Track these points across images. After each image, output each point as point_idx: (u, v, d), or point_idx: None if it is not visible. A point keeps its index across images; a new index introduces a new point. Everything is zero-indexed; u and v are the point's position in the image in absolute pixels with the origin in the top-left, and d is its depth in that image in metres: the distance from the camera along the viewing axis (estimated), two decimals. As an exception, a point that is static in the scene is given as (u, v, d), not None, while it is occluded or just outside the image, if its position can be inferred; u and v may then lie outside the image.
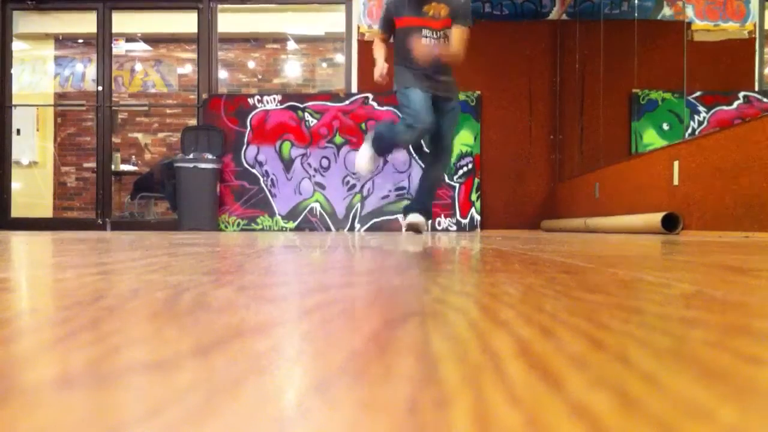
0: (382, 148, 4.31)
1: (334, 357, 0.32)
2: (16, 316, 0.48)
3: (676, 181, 4.20)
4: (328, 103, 6.43)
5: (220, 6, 7.10)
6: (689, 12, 6.12)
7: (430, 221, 4.48)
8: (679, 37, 5.36)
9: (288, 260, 1.25)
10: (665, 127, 5.93)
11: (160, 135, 9.16)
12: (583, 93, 6.55)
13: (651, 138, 5.98)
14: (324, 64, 9.19)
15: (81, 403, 0.24)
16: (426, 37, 4.05)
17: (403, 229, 4.39)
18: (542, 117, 6.81)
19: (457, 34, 4.00)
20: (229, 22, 7.41)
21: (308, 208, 6.44)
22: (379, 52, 4.24)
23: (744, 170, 3.41)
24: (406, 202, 5.01)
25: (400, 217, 4.67)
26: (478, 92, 6.58)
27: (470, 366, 0.30)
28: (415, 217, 4.22)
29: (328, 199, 6.43)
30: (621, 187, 5.20)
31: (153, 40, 9.07)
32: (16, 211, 7.39)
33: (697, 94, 5.45)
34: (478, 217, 6.46)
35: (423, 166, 4.63)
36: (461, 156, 6.49)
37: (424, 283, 0.72)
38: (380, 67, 4.15)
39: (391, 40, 4.23)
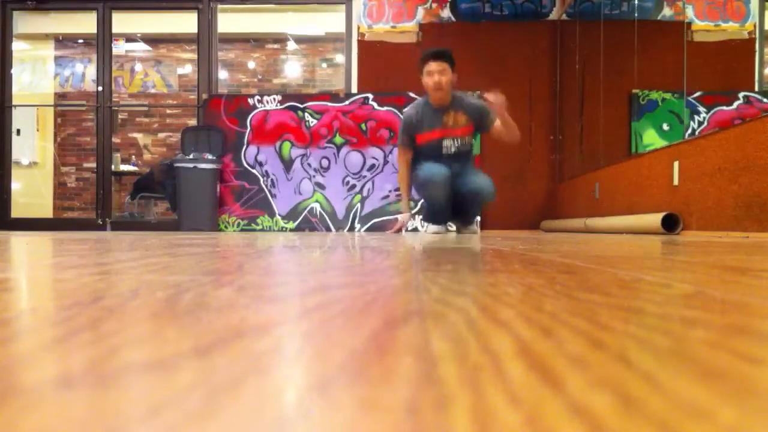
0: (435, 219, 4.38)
1: (334, 357, 0.32)
2: (16, 316, 0.48)
3: (676, 182, 4.20)
4: (328, 104, 6.43)
5: (220, 6, 7.10)
6: (689, 12, 6.12)
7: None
8: (679, 38, 5.37)
9: (288, 260, 1.25)
10: (665, 127, 5.93)
11: (160, 135, 9.16)
12: (583, 93, 6.55)
13: (651, 138, 5.98)
14: (324, 65, 9.19)
15: (81, 403, 0.24)
16: (447, 147, 4.15)
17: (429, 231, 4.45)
18: (542, 117, 6.81)
19: (500, 131, 4.07)
20: (229, 22, 7.41)
21: (308, 209, 6.44)
22: (404, 183, 4.29)
23: (744, 170, 3.41)
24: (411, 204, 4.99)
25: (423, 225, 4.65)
26: (478, 92, 6.58)
27: (470, 366, 0.30)
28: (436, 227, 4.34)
29: (328, 199, 6.43)
30: (621, 188, 5.20)
31: (153, 40, 9.07)
32: (16, 212, 7.39)
33: (697, 94, 5.45)
34: (478, 218, 6.46)
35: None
36: (461, 156, 6.49)
37: (424, 283, 0.72)
38: (405, 219, 4.28)
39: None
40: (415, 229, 6.28)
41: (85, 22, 7.50)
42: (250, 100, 6.50)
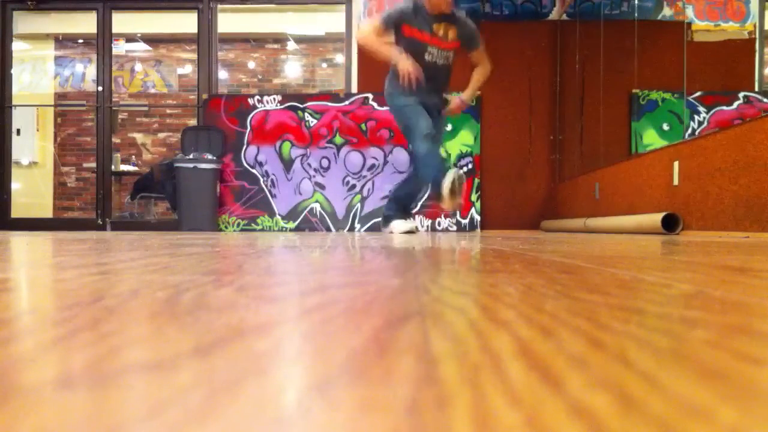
0: (405, 206, 4.30)
1: (334, 357, 0.32)
2: (16, 316, 0.48)
3: (676, 182, 4.20)
4: (328, 104, 6.43)
5: (220, 6, 7.10)
6: (689, 12, 6.12)
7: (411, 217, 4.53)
8: (679, 38, 5.37)
9: (288, 260, 1.25)
10: (665, 127, 5.93)
11: (160, 135, 9.16)
12: (583, 93, 6.55)
13: (651, 138, 5.98)
14: (324, 64, 9.19)
15: (81, 403, 0.24)
16: (431, 54, 4.08)
17: (395, 234, 4.40)
18: (542, 117, 6.81)
19: (481, 57, 4.20)
20: (229, 22, 7.41)
21: (308, 209, 6.44)
22: (382, 45, 4.09)
23: (744, 170, 3.42)
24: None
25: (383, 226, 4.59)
26: (478, 92, 6.58)
27: (470, 366, 0.30)
28: (407, 224, 4.27)
29: (328, 199, 6.43)
30: (621, 188, 5.20)
31: (153, 40, 9.07)
32: (16, 212, 7.39)
33: (697, 94, 5.45)
34: (478, 218, 6.46)
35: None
36: (461, 156, 6.49)
37: (424, 283, 0.72)
38: (405, 58, 4.00)
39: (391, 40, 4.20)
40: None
41: (85, 22, 7.51)
42: (250, 100, 6.50)
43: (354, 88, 6.79)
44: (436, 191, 4.05)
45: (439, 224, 6.45)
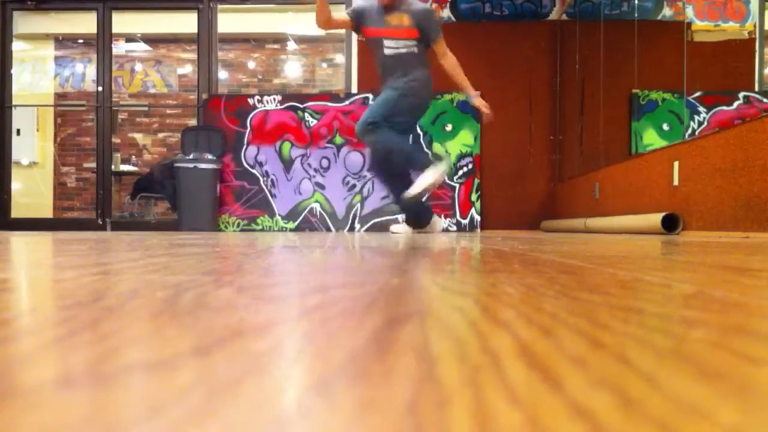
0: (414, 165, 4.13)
1: (334, 357, 0.32)
2: (16, 316, 0.48)
3: (676, 182, 4.20)
4: (328, 104, 6.43)
5: (220, 6, 7.10)
6: (689, 12, 6.12)
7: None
8: (679, 38, 5.36)
9: (288, 260, 1.25)
10: (665, 127, 5.93)
11: (160, 135, 9.16)
12: (583, 93, 6.55)
13: (651, 138, 5.98)
14: (324, 65, 9.19)
15: (81, 403, 0.24)
16: (389, 47, 4.07)
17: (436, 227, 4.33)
18: (542, 117, 6.81)
19: (441, 47, 4.07)
20: (229, 22, 7.41)
21: (308, 209, 6.44)
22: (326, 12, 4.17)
23: (744, 170, 3.42)
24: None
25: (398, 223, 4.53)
26: (478, 92, 6.57)
27: (470, 366, 0.30)
28: (439, 221, 4.31)
29: (328, 199, 6.43)
30: (621, 188, 5.20)
31: (153, 40, 9.07)
32: (16, 212, 7.39)
33: (697, 94, 5.45)
34: (478, 218, 6.46)
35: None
36: (461, 156, 6.49)
37: (424, 283, 0.72)
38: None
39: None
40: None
41: (85, 22, 7.51)
42: (250, 100, 6.50)
43: (354, 88, 6.79)
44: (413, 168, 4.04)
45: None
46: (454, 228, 6.45)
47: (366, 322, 0.44)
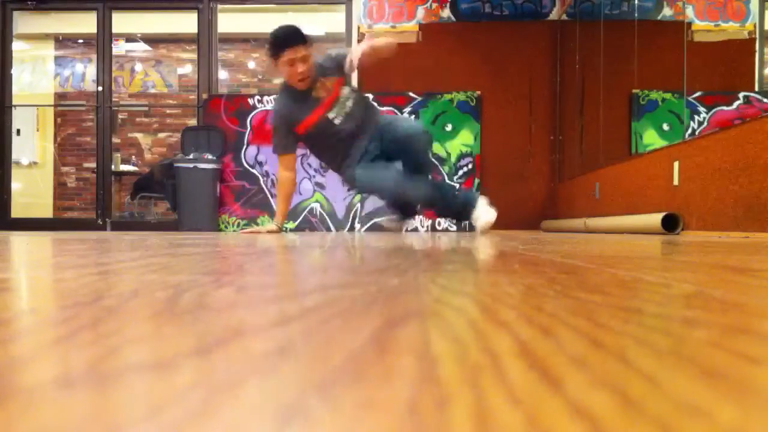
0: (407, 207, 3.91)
1: (334, 357, 0.32)
2: (16, 316, 0.48)
3: (676, 182, 4.20)
4: (328, 104, 6.42)
5: (220, 6, 7.10)
6: (689, 12, 6.12)
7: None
8: (679, 38, 5.36)
9: (288, 260, 1.25)
10: (665, 127, 5.93)
11: (160, 135, 9.16)
12: (583, 93, 6.55)
13: (651, 138, 5.98)
14: (324, 65, 9.18)
15: (81, 403, 0.24)
16: (337, 116, 3.63)
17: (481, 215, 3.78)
18: (542, 117, 6.81)
19: (347, 58, 3.43)
20: (229, 22, 7.41)
21: (308, 209, 6.44)
22: (283, 202, 3.83)
23: (744, 170, 3.41)
24: None
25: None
26: (478, 92, 6.58)
27: (470, 366, 0.30)
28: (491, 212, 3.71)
29: (328, 199, 6.43)
30: (621, 188, 5.20)
31: (153, 40, 9.07)
32: (16, 212, 7.39)
33: (697, 94, 5.45)
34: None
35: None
36: (461, 156, 6.49)
37: (424, 283, 0.72)
38: (271, 229, 3.76)
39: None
40: (415, 229, 6.28)
41: (85, 22, 7.51)
42: (250, 100, 6.50)
43: (354, 88, 6.78)
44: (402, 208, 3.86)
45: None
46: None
47: (366, 322, 0.44)
